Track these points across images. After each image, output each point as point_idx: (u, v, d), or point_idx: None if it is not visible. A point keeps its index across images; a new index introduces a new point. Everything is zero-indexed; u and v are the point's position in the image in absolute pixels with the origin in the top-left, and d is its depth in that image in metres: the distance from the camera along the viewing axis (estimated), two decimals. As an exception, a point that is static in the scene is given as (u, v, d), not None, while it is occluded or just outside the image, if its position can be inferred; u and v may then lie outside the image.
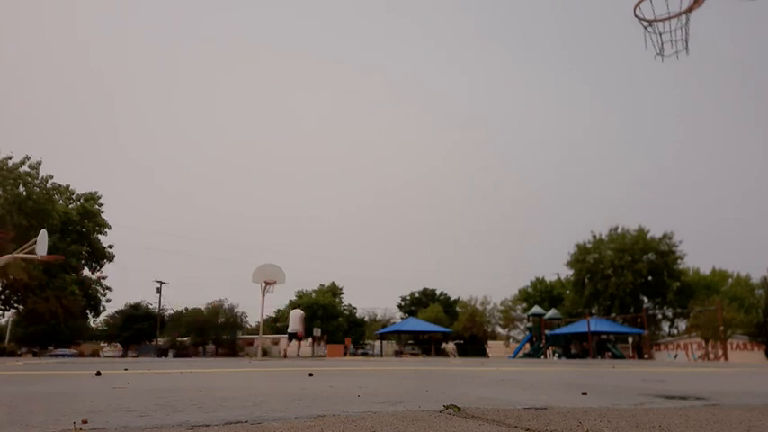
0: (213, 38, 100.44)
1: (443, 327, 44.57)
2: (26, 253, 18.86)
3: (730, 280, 49.75)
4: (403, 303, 59.41)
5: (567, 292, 52.56)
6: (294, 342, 20.43)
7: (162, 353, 41.43)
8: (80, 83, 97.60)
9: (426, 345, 41.87)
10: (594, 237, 48.70)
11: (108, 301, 44.58)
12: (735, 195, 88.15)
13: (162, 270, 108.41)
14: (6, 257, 19.50)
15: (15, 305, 38.82)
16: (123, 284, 71.33)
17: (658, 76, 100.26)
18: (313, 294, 49.72)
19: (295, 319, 20.35)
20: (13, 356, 31.30)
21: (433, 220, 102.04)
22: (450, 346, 31.28)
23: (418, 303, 57.33)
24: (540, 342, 37.60)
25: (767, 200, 72.89)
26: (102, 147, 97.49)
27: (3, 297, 37.83)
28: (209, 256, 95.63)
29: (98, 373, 5.62)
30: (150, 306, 45.72)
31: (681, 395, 3.65)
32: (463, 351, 42.94)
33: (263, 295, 21.65)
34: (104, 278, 43.50)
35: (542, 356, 36.54)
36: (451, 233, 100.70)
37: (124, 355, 40.06)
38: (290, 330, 20.43)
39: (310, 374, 5.79)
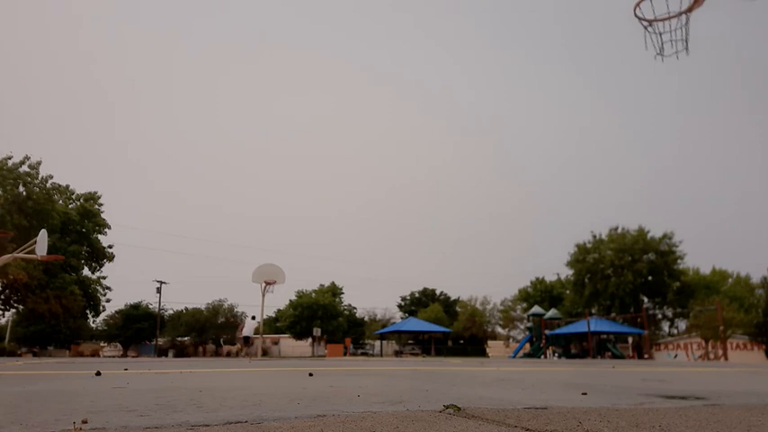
0: (212, 38, 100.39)
1: (443, 327, 44.58)
2: (26, 253, 18.85)
3: (730, 280, 49.72)
4: (403, 303, 59.39)
5: (567, 292, 52.52)
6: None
7: (162, 353, 41.45)
8: (80, 83, 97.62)
9: (426, 345, 41.89)
10: (594, 237, 48.69)
11: (108, 301, 44.60)
12: (735, 195, 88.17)
13: (162, 270, 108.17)
14: (6, 257, 19.50)
15: (15, 305, 38.80)
16: (123, 284, 71.33)
17: (658, 76, 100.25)
18: (313, 294, 49.66)
19: (250, 326, 21.85)
20: (13, 356, 31.30)
21: (433, 220, 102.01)
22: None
23: (418, 303, 57.31)
24: (540, 342, 37.60)
25: (767, 200, 72.84)
26: (102, 147, 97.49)
27: (3, 297, 37.81)
28: (209, 256, 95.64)
29: (98, 373, 5.63)
30: (150, 306, 45.72)
31: (681, 395, 3.65)
32: (463, 351, 42.99)
33: (264, 295, 21.72)
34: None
35: (542, 356, 36.54)
36: (451, 233, 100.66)
37: (124, 355, 40.08)
38: (246, 334, 21.71)
39: (310, 374, 5.79)
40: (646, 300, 46.96)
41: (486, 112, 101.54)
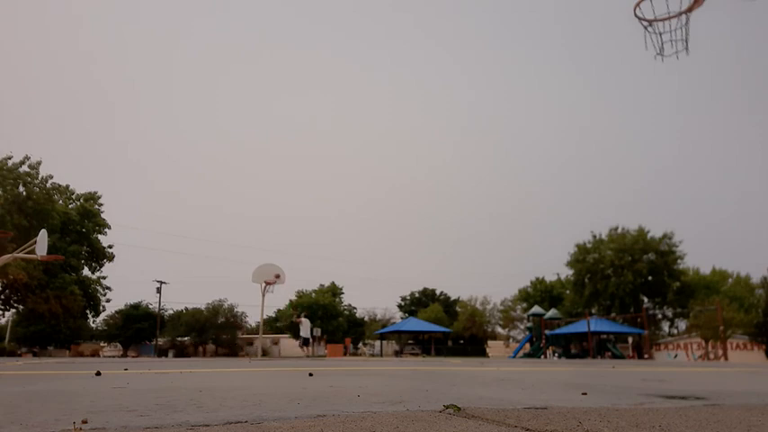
0: (212, 38, 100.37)
1: (443, 327, 44.57)
2: (26, 253, 18.85)
3: (730, 280, 49.71)
4: (403, 303, 59.38)
5: (567, 292, 52.52)
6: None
7: (162, 353, 41.44)
8: (80, 83, 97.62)
9: (426, 345, 41.88)
10: (594, 237, 48.68)
11: (108, 301, 44.60)
12: (735, 195, 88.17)
13: (162, 270, 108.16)
14: (6, 257, 19.50)
15: (15, 305, 38.80)
16: (123, 284, 71.29)
17: (658, 76, 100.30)
18: (313, 294, 49.65)
19: (307, 326, 23.19)
20: (13, 356, 31.30)
21: (433, 219, 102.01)
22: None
23: (418, 303, 57.30)
24: (540, 342, 37.59)
25: (767, 200, 72.85)
26: (102, 147, 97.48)
27: (3, 297, 37.81)
28: (208, 256, 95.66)
29: (98, 373, 5.63)
30: (150, 306, 45.71)
31: (681, 395, 3.65)
32: (463, 351, 42.97)
33: (263, 295, 21.74)
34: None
35: (542, 356, 36.54)
36: (451, 233, 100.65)
37: (124, 355, 40.07)
38: (305, 336, 23.29)
39: (310, 374, 5.79)
40: (646, 300, 46.96)
41: (486, 112, 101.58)
